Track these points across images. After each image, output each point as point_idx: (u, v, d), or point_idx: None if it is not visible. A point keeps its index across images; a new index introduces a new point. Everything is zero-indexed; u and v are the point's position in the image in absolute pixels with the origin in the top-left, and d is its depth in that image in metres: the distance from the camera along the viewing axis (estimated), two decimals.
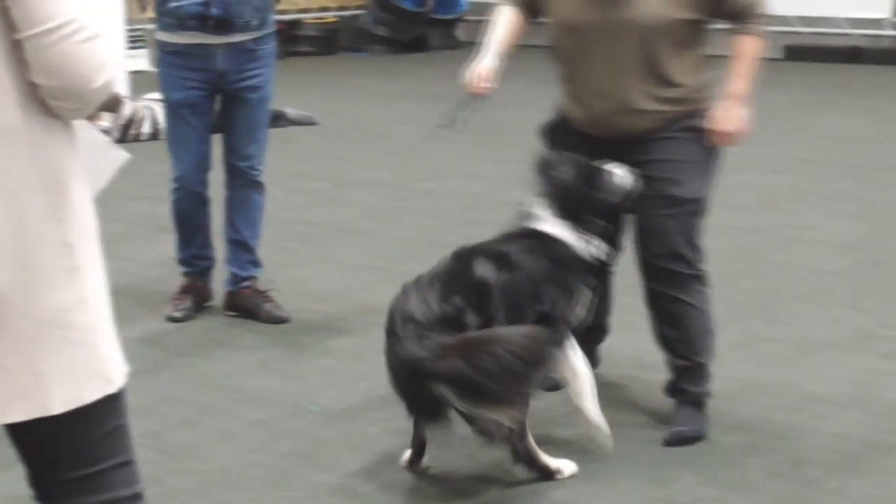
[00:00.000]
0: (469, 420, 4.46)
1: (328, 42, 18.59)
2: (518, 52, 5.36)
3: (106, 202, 2.79)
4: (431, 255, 7.96)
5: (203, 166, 6.66)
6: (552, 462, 4.72)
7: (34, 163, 2.56)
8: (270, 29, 6.61)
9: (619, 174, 4.90)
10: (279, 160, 11.10)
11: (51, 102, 2.57)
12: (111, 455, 2.81)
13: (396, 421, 5.35)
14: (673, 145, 5.00)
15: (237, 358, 6.20)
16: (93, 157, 2.83)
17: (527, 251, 4.80)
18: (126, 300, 6.26)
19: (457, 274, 4.72)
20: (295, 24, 18.31)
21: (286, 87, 14.07)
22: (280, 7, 7.38)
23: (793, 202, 9.42)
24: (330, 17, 18.81)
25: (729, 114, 5.00)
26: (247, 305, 6.72)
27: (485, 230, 8.54)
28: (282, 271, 7.55)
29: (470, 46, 6.01)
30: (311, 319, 6.76)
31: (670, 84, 4.95)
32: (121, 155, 3.04)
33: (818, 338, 6.38)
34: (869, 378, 5.80)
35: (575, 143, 5.12)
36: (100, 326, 2.72)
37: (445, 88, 15.43)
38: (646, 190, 4.94)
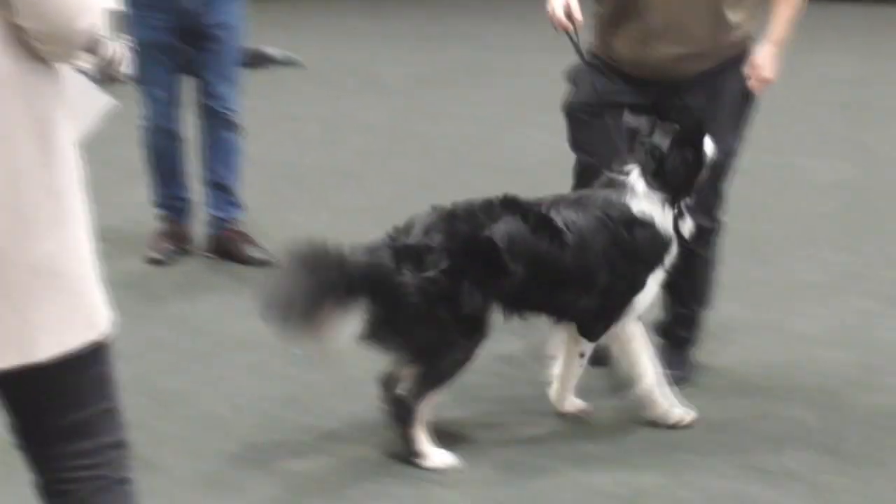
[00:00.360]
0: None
1: None
2: None
3: (89, 145, 2.77)
4: (425, 198, 7.95)
5: (174, 103, 6.62)
6: (425, 443, 4.51)
7: (22, 108, 2.55)
8: None
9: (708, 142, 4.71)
10: (268, 103, 11.11)
11: (36, 46, 2.55)
12: (96, 402, 2.80)
13: (382, 364, 5.37)
14: (716, 92, 4.86)
15: (222, 302, 6.19)
16: (79, 103, 2.81)
17: (596, 224, 4.52)
18: (109, 244, 6.16)
19: (469, 219, 4.56)
20: None
21: (272, 29, 14.11)
22: None
23: (782, 144, 9.39)
24: None
25: (769, 60, 4.87)
26: (229, 248, 6.70)
27: (476, 172, 8.63)
28: (272, 215, 7.54)
29: None
30: None
31: (730, 26, 4.82)
32: (107, 100, 3.02)
33: (807, 279, 6.39)
34: (857, 318, 5.81)
35: (617, 89, 4.96)
36: (86, 273, 2.71)
37: (437, 29, 15.48)
38: None
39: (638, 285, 4.58)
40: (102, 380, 2.82)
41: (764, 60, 4.86)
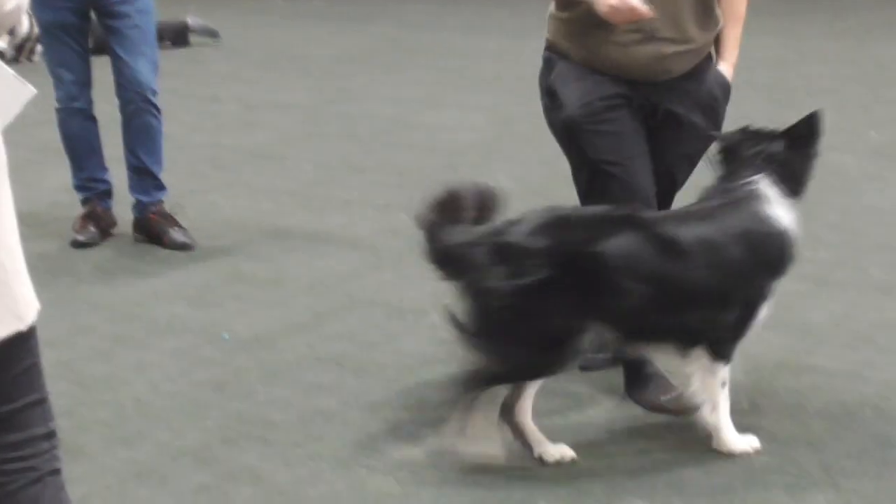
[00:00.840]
0: None
1: None
2: None
3: (9, 128, 2.71)
4: (347, 179, 8.01)
5: (84, 84, 6.51)
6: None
7: None
8: None
9: None
10: (187, 83, 11.02)
11: None
12: (25, 393, 2.74)
13: (311, 348, 5.34)
14: (699, 88, 4.84)
15: (148, 285, 6.13)
16: (1, 94, 2.76)
17: (734, 236, 4.34)
18: (32, 228, 6.16)
19: (582, 228, 4.28)
20: None
21: (188, 4, 14.01)
22: None
23: None
24: None
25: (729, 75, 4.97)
26: (154, 231, 6.61)
27: (400, 152, 8.60)
28: (192, 197, 7.47)
29: None
30: (223, 245, 6.69)
31: (716, 21, 4.81)
32: (27, 90, 2.95)
33: None
34: (788, 300, 5.83)
35: (596, 90, 4.76)
36: (10, 263, 2.65)
37: (360, 9, 15.40)
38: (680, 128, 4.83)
39: (769, 294, 4.44)
40: (31, 371, 2.76)
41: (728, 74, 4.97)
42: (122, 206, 6.83)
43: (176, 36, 12.49)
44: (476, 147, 8.78)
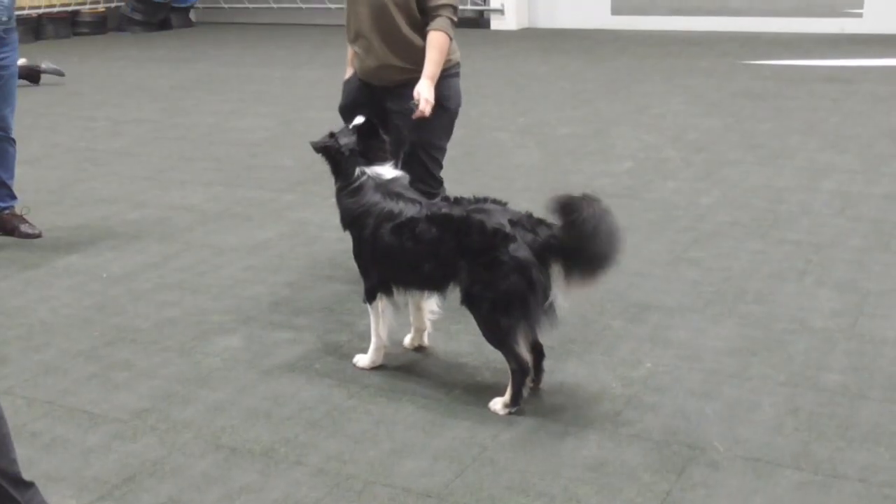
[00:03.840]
0: None
1: (100, 25, 17.61)
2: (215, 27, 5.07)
3: None
4: (183, 166, 7.81)
5: None
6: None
7: None
8: (14, 23, 5.79)
9: None
10: (71, 107, 10.56)
11: None
12: None
13: (161, 279, 5.23)
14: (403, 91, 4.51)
15: (50, 243, 5.86)
16: None
17: None
18: None
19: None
20: (75, 13, 17.31)
21: (72, 56, 13.37)
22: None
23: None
24: (100, 7, 17.78)
25: (427, 90, 4.40)
26: (7, 227, 6.06)
27: (219, 147, 8.43)
28: (80, 184, 7.21)
29: (202, 25, 5.70)
30: (101, 215, 6.46)
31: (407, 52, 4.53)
32: None
33: None
34: None
35: (358, 91, 4.70)
36: None
37: (187, 52, 14.92)
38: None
39: None
40: None
41: (423, 90, 4.39)
42: None
43: (29, 76, 11.58)
44: (268, 141, 8.67)
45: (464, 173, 7.05)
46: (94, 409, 3.76)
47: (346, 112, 4.65)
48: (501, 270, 3.56)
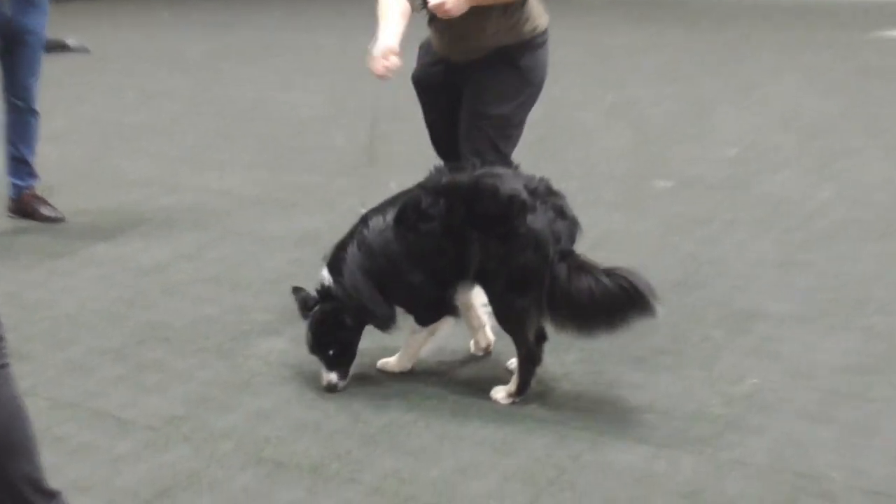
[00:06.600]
0: None
1: None
2: None
3: None
4: (220, 145, 7.95)
5: None
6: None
7: None
8: None
9: None
10: (98, 75, 10.79)
11: None
12: None
13: (197, 271, 5.34)
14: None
15: (75, 231, 6.03)
16: None
17: None
18: None
19: None
20: None
21: (83, 22, 13.63)
22: None
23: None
24: None
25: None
26: (27, 210, 6.24)
27: (260, 125, 8.56)
28: (106, 161, 7.39)
29: None
30: (128, 199, 6.61)
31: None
32: None
33: None
34: None
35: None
36: None
37: (226, 16, 15.13)
38: None
39: None
40: None
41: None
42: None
43: (52, 47, 11.83)
44: (317, 119, 8.79)
45: (539, 159, 7.06)
46: (124, 414, 3.86)
47: (421, 88, 4.67)
48: (518, 244, 3.60)
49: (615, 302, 3.60)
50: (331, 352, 3.98)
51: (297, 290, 4.10)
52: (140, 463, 3.53)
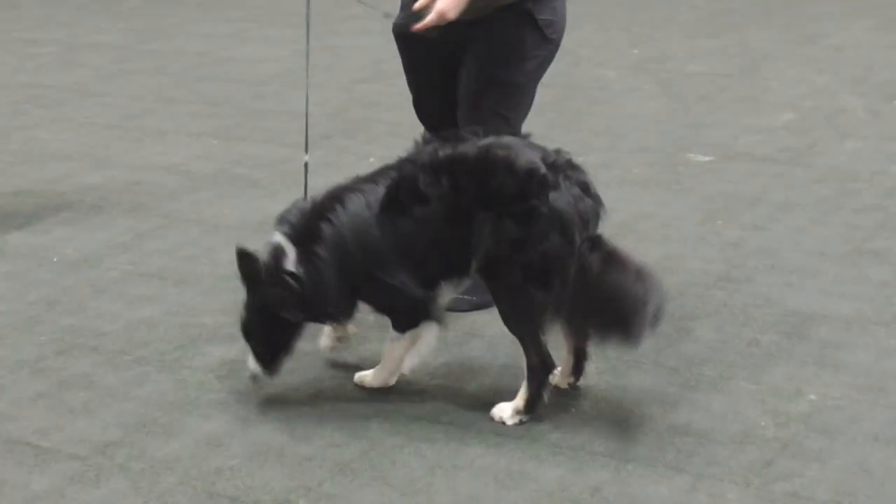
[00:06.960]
0: None
1: None
2: None
3: None
4: (162, 110, 7.95)
5: None
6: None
7: None
8: None
9: None
10: (5, 26, 10.77)
11: None
12: None
13: (134, 265, 5.34)
14: None
15: None
16: None
17: None
18: None
19: None
20: None
21: None
22: None
23: None
24: None
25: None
26: None
27: (211, 85, 8.56)
28: (20, 133, 7.37)
29: None
30: (48, 177, 6.60)
31: None
32: None
33: None
34: None
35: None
36: None
37: None
38: None
39: None
40: None
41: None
42: None
43: None
44: (279, 77, 8.79)
45: (553, 126, 7.09)
46: (43, 442, 3.86)
47: (406, 42, 4.63)
48: (539, 227, 3.62)
49: (636, 309, 3.65)
50: (263, 345, 4.00)
51: (243, 255, 4.00)
52: (64, 502, 3.53)
